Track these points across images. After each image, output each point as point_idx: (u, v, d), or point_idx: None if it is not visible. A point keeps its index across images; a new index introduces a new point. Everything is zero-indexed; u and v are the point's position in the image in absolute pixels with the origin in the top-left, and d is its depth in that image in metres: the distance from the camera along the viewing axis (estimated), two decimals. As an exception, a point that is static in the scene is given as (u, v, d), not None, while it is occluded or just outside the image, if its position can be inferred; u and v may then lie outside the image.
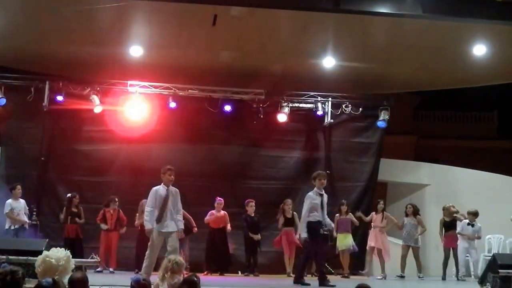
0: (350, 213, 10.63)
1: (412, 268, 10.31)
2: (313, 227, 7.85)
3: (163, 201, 7.59)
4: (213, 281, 7.89)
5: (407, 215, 10.39)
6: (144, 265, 7.51)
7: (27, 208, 9.77)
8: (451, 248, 10.19)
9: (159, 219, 7.53)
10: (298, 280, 7.90)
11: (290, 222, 10.34)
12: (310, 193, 8.05)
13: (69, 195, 10.16)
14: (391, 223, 10.55)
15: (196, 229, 10.09)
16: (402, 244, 10.36)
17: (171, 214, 7.59)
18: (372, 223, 10.53)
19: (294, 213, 10.30)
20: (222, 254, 10.19)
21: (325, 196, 8.10)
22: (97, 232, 10.07)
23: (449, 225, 10.31)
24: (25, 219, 9.63)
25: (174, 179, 7.72)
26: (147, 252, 7.57)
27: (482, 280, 7.39)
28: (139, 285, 4.17)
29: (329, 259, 9.98)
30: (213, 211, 10.30)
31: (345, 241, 10.38)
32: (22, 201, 9.74)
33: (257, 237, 10.36)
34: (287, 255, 10.27)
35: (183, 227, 7.79)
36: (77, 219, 9.96)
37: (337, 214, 10.47)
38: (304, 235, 7.86)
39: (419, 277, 10.09)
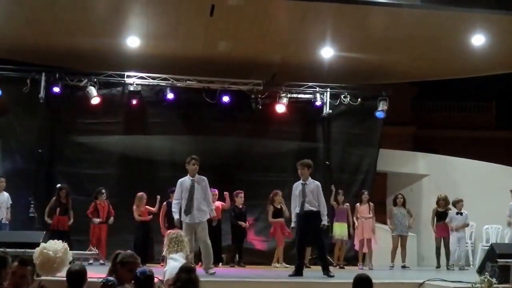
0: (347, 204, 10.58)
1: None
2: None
3: (188, 192, 7.66)
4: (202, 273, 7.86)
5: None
6: None
7: (10, 202, 9.61)
8: (442, 238, 10.32)
9: (186, 211, 7.63)
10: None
11: (279, 214, 10.29)
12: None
13: (58, 185, 9.98)
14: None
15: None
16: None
17: (199, 204, 7.70)
18: (358, 214, 10.45)
19: (282, 205, 10.25)
20: (213, 246, 10.04)
21: (309, 186, 8.00)
22: (86, 224, 9.92)
23: (441, 215, 10.42)
24: (4, 214, 9.41)
25: (197, 168, 7.80)
26: None
27: (480, 269, 7.41)
28: (145, 277, 4.15)
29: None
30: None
31: (340, 231, 10.37)
32: (5, 194, 9.60)
33: (245, 224, 10.26)
34: (280, 247, 10.24)
35: (214, 214, 7.99)
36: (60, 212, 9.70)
37: (334, 203, 10.42)
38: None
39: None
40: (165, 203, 9.87)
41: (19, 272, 4.15)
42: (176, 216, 7.77)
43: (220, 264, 9.88)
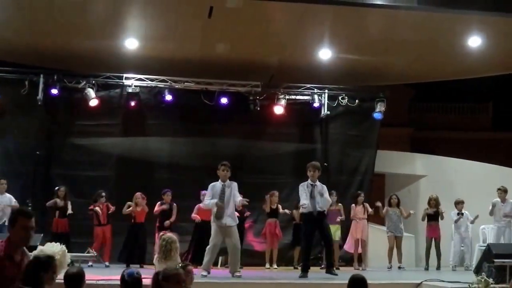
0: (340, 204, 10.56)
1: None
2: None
3: (219, 197, 7.78)
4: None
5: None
6: (205, 260, 7.68)
7: (14, 201, 9.59)
8: (432, 238, 10.38)
9: (218, 215, 7.71)
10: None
11: (274, 214, 10.31)
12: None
13: (56, 188, 10.00)
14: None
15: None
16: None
17: (229, 209, 7.80)
18: (353, 216, 10.44)
19: (279, 205, 10.31)
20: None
21: (317, 187, 8.12)
22: (86, 226, 9.93)
23: (432, 216, 10.46)
24: (7, 216, 9.31)
25: (228, 174, 7.93)
26: (208, 247, 7.75)
27: (477, 270, 7.44)
28: (133, 278, 4.12)
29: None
30: (199, 205, 10.03)
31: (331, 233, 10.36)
32: (7, 195, 9.59)
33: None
34: (268, 248, 10.26)
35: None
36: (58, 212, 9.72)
37: None
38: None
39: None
40: (159, 203, 9.90)
41: (27, 224, 4.15)
42: (208, 201, 7.90)
43: (219, 265, 9.90)
